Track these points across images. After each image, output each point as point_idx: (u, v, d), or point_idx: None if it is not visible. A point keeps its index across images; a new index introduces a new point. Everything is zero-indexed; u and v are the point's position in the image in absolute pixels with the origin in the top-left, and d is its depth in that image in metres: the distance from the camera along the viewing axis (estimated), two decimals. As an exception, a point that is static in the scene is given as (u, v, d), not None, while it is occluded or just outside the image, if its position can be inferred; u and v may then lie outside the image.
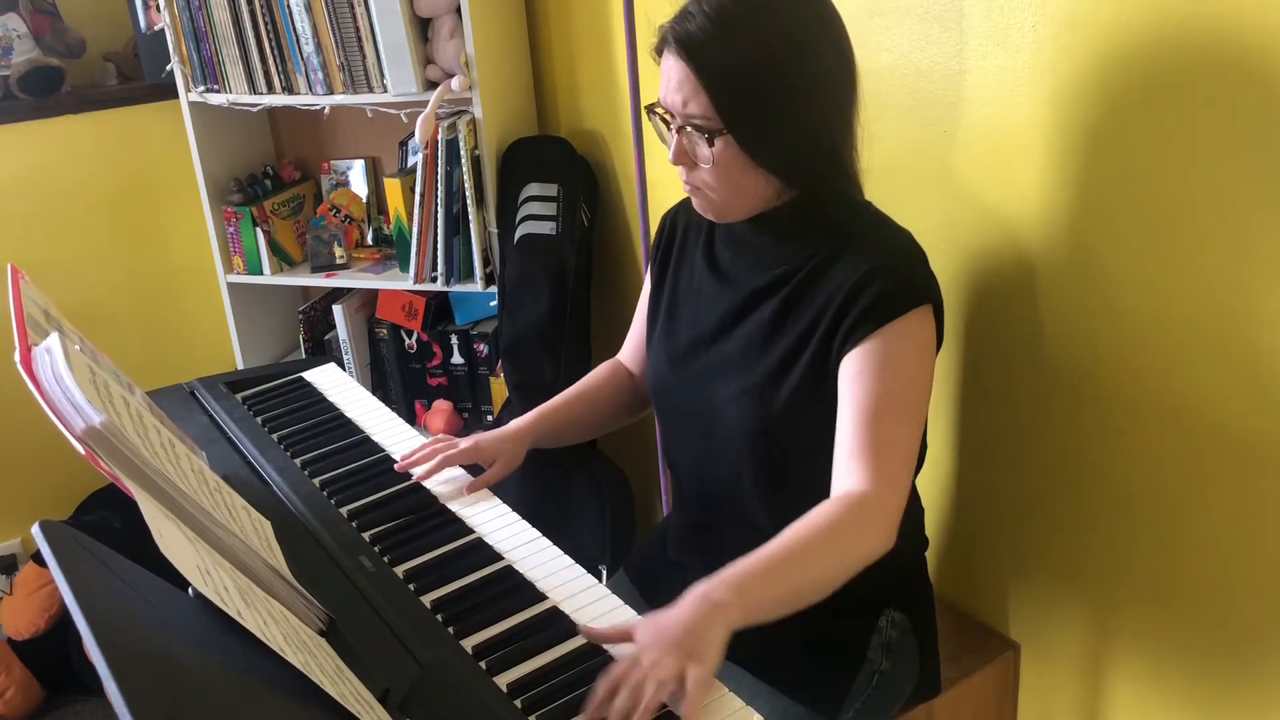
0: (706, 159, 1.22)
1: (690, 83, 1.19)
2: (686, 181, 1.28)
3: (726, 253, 1.36)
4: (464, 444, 1.42)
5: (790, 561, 1.10)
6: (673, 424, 1.42)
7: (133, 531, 0.86)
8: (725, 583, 1.05)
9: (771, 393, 1.27)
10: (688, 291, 1.40)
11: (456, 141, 2.17)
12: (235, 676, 0.83)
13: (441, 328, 2.45)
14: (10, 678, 2.37)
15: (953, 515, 1.70)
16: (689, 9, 1.21)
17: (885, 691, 1.37)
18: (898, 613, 1.39)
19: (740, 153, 1.21)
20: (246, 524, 1.12)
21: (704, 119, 1.20)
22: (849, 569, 1.14)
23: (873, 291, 1.20)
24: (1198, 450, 1.34)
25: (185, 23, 2.27)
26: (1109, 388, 1.41)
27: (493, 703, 1.02)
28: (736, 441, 1.31)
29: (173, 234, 2.69)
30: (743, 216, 1.29)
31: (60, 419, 0.98)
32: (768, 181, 1.24)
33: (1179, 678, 1.46)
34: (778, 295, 1.28)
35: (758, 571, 1.08)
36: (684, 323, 1.39)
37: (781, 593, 1.09)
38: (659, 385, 1.42)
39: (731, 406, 1.31)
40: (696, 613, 1.01)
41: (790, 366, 1.27)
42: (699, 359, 1.36)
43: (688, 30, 1.19)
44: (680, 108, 1.21)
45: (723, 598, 1.03)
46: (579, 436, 1.55)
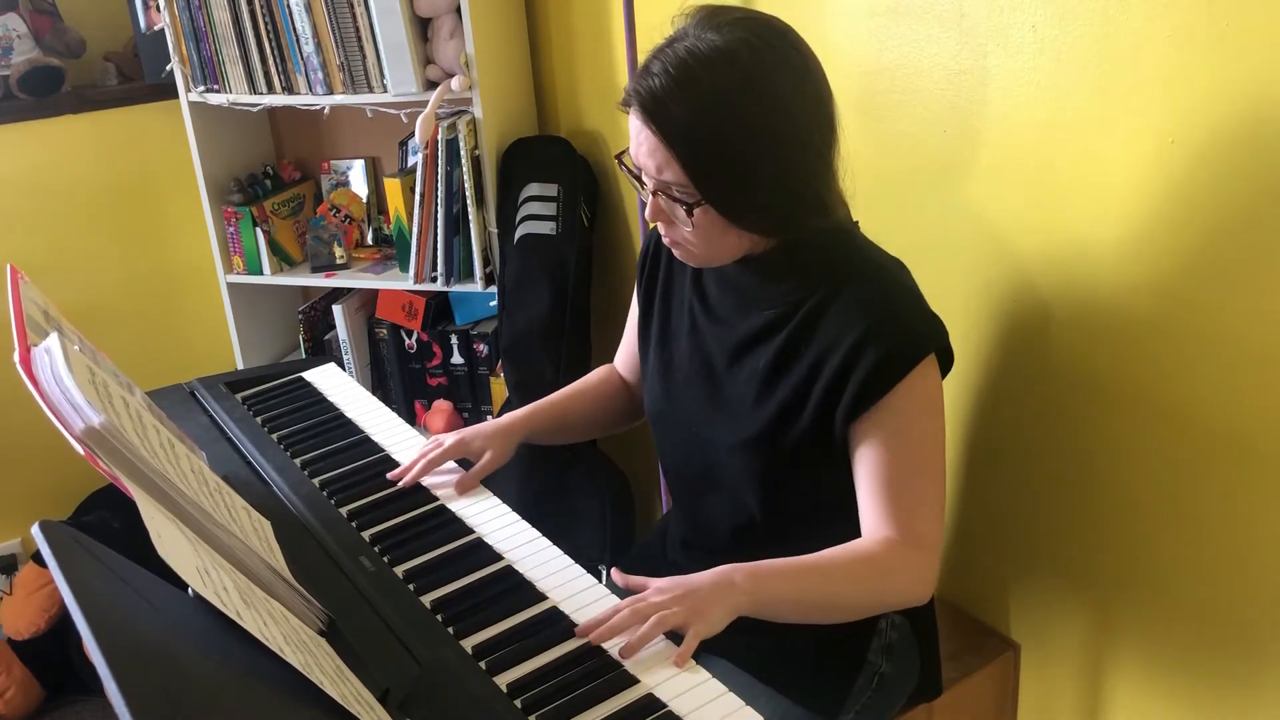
0: (686, 223, 1.19)
1: (661, 152, 1.14)
2: (666, 235, 1.25)
3: (715, 290, 1.33)
4: (450, 441, 1.41)
5: (815, 573, 1.15)
6: (672, 450, 1.42)
7: (133, 531, 0.86)
8: (748, 570, 1.11)
9: (772, 443, 1.26)
10: (679, 323, 1.38)
11: (456, 141, 2.17)
12: (235, 676, 0.83)
13: (441, 328, 2.45)
14: (10, 678, 2.37)
15: (953, 515, 1.70)
16: (651, 67, 1.15)
17: (885, 693, 1.37)
18: (898, 615, 1.39)
19: (719, 217, 1.17)
20: (246, 524, 1.12)
21: (680, 188, 1.16)
22: (870, 603, 1.19)
23: (871, 357, 1.17)
24: (1198, 451, 1.34)
25: (185, 23, 2.27)
26: (1109, 388, 1.41)
27: (493, 703, 1.02)
28: (741, 484, 1.31)
29: (173, 234, 2.69)
30: (725, 263, 1.26)
31: (60, 419, 0.98)
32: (749, 236, 1.21)
33: (1179, 678, 1.46)
34: (772, 343, 1.25)
35: (781, 571, 1.14)
36: (680, 356, 1.37)
37: (797, 598, 1.14)
38: (657, 413, 1.41)
39: (734, 453, 1.30)
40: (714, 582, 1.09)
41: (791, 418, 1.24)
42: (698, 393, 1.34)
43: (651, 90, 1.13)
44: (654, 173, 1.17)
45: (740, 581, 1.09)
46: (572, 436, 1.54)
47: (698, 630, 1.05)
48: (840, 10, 1.62)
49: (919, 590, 1.19)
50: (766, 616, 1.13)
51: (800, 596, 1.14)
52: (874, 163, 1.62)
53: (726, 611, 1.08)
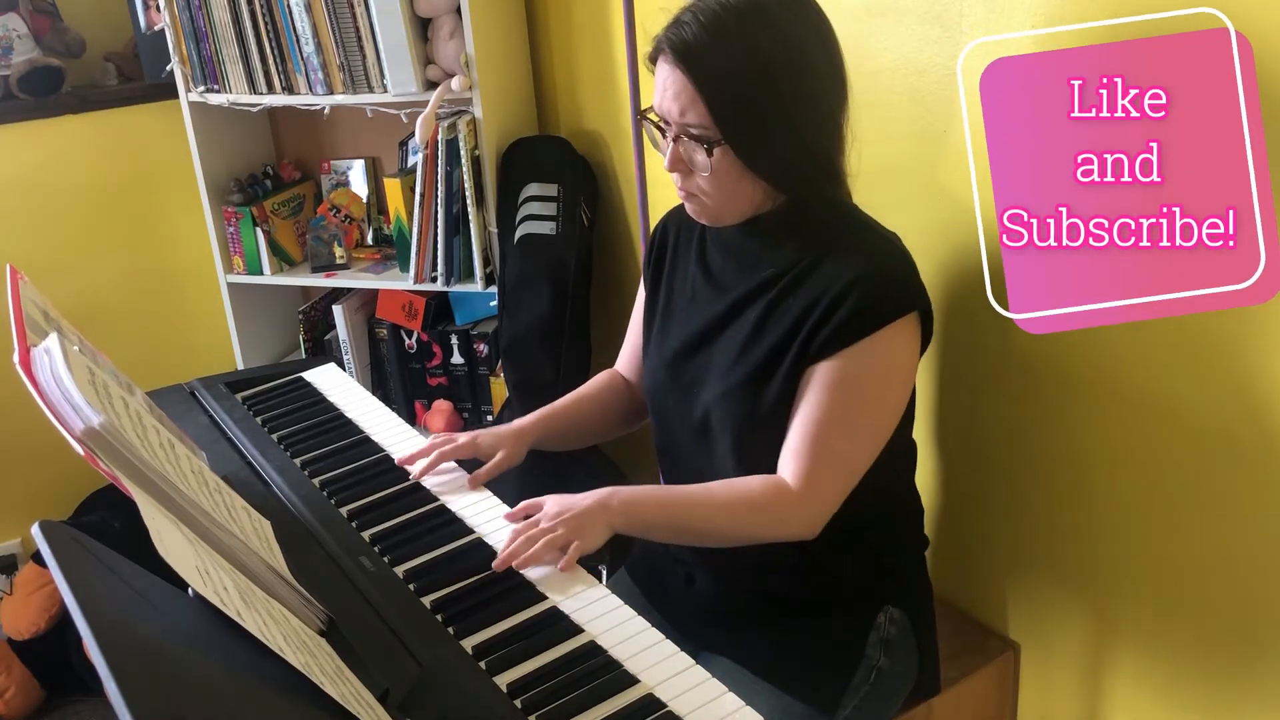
0: (704, 167, 1.23)
1: (688, 92, 1.20)
2: (681, 187, 1.29)
3: (718, 258, 1.37)
4: (462, 439, 1.42)
5: (689, 505, 1.26)
6: (665, 426, 1.43)
7: (133, 531, 0.86)
8: (625, 495, 1.25)
9: (754, 394, 1.29)
10: (681, 296, 1.41)
11: (456, 141, 2.17)
12: (235, 676, 0.83)
13: (441, 328, 2.45)
14: (10, 678, 2.37)
15: (952, 515, 1.70)
16: (682, 17, 1.21)
17: (883, 688, 1.38)
18: (897, 610, 1.39)
19: (737, 161, 1.22)
20: (246, 524, 1.12)
21: (702, 128, 1.21)
22: (746, 538, 1.27)
23: (848, 306, 1.22)
24: (1198, 451, 1.34)
25: (185, 23, 2.27)
26: (1110, 388, 1.41)
27: (493, 703, 1.03)
28: (723, 442, 1.33)
29: (173, 234, 2.69)
30: (735, 221, 1.30)
31: (59, 420, 0.98)
32: (761, 187, 1.25)
33: (1179, 678, 1.46)
34: (763, 299, 1.30)
35: (656, 499, 1.27)
36: (677, 327, 1.40)
37: (669, 524, 1.26)
38: (653, 388, 1.43)
39: (718, 406, 1.32)
40: (592, 505, 1.23)
41: (773, 369, 1.28)
42: (690, 363, 1.36)
43: (683, 38, 1.19)
44: (677, 117, 1.22)
45: (615, 505, 1.23)
46: (579, 442, 1.55)
47: (578, 545, 1.19)
48: (840, 10, 1.62)
49: (801, 534, 1.26)
50: (639, 535, 1.27)
51: (672, 523, 1.26)
52: (874, 162, 1.61)
53: (603, 530, 1.22)
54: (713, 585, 1.41)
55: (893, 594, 1.40)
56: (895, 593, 1.40)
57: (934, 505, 1.70)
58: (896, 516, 1.44)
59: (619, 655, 1.08)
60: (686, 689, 1.04)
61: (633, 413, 1.58)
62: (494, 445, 1.42)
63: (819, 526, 1.25)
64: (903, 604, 1.40)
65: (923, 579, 1.47)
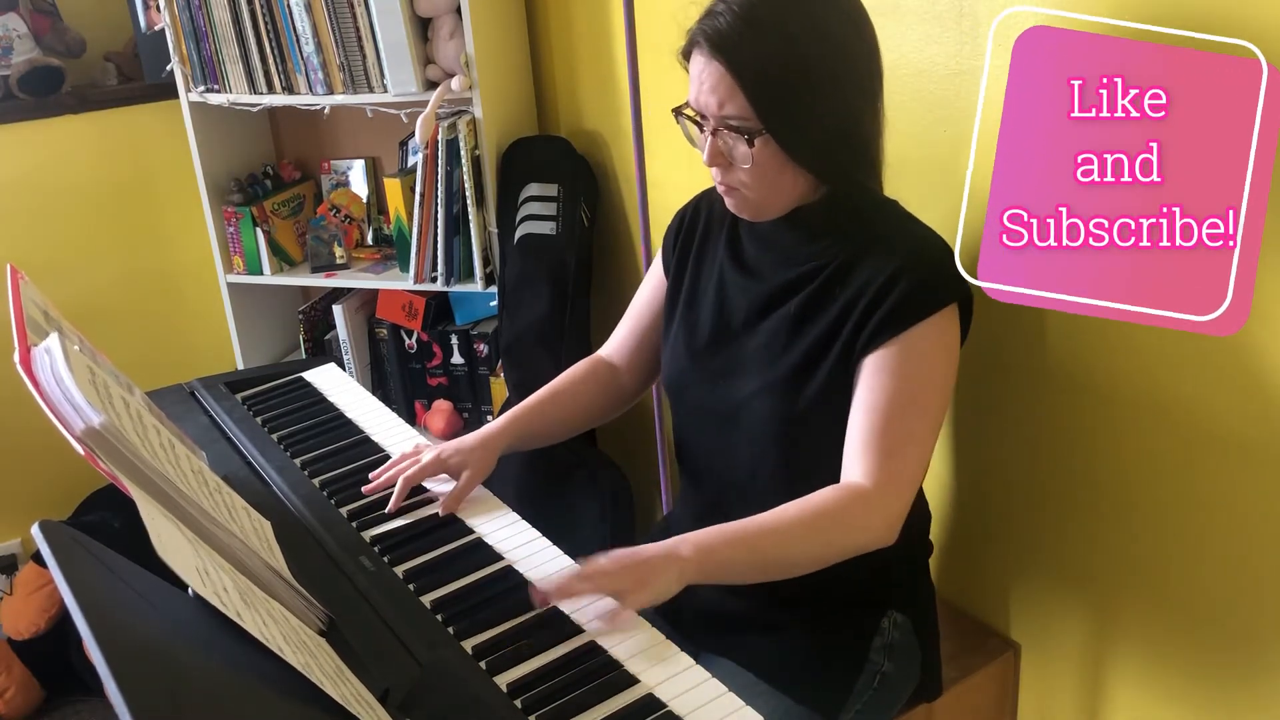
0: (745, 159, 1.22)
1: (726, 83, 1.18)
2: (721, 182, 1.28)
3: (752, 249, 1.36)
4: (426, 459, 1.36)
5: (765, 534, 1.17)
6: (689, 416, 1.41)
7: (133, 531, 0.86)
8: (693, 541, 1.15)
9: (796, 389, 1.27)
10: (709, 284, 1.39)
11: (456, 141, 2.17)
12: (235, 676, 0.83)
13: (441, 328, 2.45)
14: (10, 678, 2.37)
15: (953, 516, 1.70)
16: (715, 9, 1.20)
17: (887, 692, 1.38)
18: (900, 614, 1.39)
19: (778, 151, 1.21)
20: (246, 524, 1.12)
21: (741, 120, 1.20)
22: (831, 555, 1.19)
23: (899, 292, 1.21)
24: (1198, 451, 1.34)
25: (185, 23, 2.27)
26: (1110, 389, 1.41)
27: (493, 703, 1.03)
28: (759, 437, 1.31)
29: (173, 234, 2.69)
30: (778, 214, 1.29)
31: (60, 419, 0.98)
32: (803, 179, 1.25)
33: (1179, 678, 1.46)
34: (804, 291, 1.28)
35: (728, 536, 1.17)
36: (705, 315, 1.38)
37: (749, 560, 1.17)
38: (677, 377, 1.40)
39: (755, 402, 1.30)
40: (659, 555, 1.13)
41: (816, 363, 1.26)
42: (721, 353, 1.35)
43: (718, 29, 1.18)
44: (716, 110, 1.21)
45: (686, 553, 1.13)
46: (557, 436, 1.51)
47: (637, 598, 1.10)
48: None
49: (882, 538, 1.21)
50: (720, 581, 1.19)
51: (752, 558, 1.17)
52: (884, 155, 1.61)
53: (672, 581, 1.12)
54: (714, 589, 1.41)
55: (896, 598, 1.39)
56: (899, 597, 1.40)
57: (935, 505, 1.70)
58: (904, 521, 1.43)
59: (619, 655, 1.08)
60: (687, 689, 1.04)
61: (616, 401, 1.55)
62: (460, 462, 1.36)
63: (899, 524, 1.21)
64: (906, 608, 1.40)
65: (925, 583, 1.47)
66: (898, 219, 1.31)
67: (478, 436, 1.41)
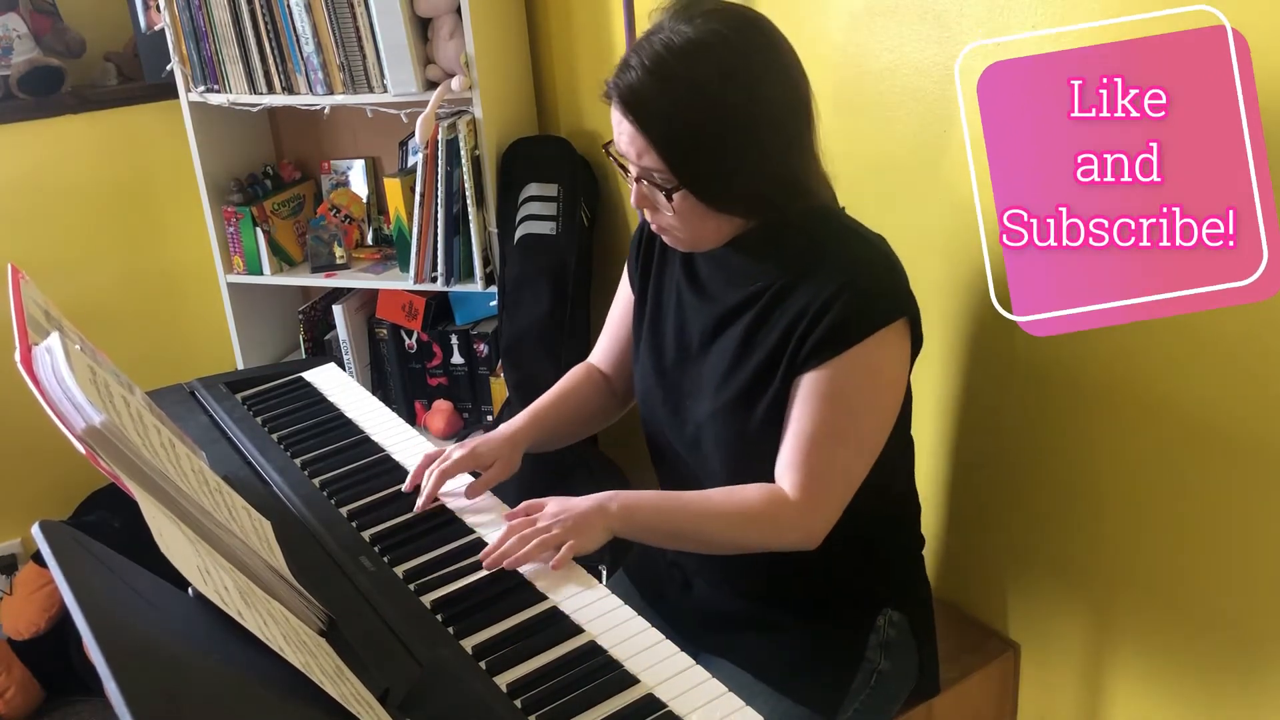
0: (667, 208, 1.23)
1: (639, 141, 1.19)
2: (652, 222, 1.28)
3: (705, 267, 1.35)
4: (459, 454, 1.37)
5: (687, 513, 1.26)
6: (658, 432, 1.42)
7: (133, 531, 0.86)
8: (624, 499, 1.24)
9: (745, 410, 1.28)
10: (669, 303, 1.39)
11: (456, 141, 2.17)
12: (235, 676, 0.83)
13: (441, 328, 2.45)
14: (10, 678, 2.37)
15: (953, 515, 1.70)
16: (628, 60, 1.19)
17: (884, 691, 1.38)
18: (896, 612, 1.39)
19: (698, 203, 1.21)
20: (246, 524, 1.12)
21: (659, 174, 1.20)
22: (744, 546, 1.26)
23: (832, 316, 1.20)
24: (1198, 451, 1.34)
25: (185, 23, 2.27)
26: (1110, 388, 1.41)
27: (493, 703, 1.03)
28: (714, 456, 1.32)
29: (173, 234, 2.69)
30: (713, 246, 1.28)
31: (61, 419, 0.98)
32: (729, 220, 1.24)
33: (1179, 678, 1.46)
34: (749, 313, 1.28)
35: (655, 505, 1.26)
36: (667, 336, 1.38)
37: (667, 530, 1.26)
38: (645, 394, 1.42)
39: (709, 423, 1.31)
40: (591, 507, 1.23)
41: (763, 384, 1.27)
42: (683, 373, 1.36)
43: (629, 84, 1.18)
44: (635, 159, 1.21)
45: (615, 509, 1.23)
46: (563, 441, 1.52)
47: (573, 545, 1.20)
48: (840, 10, 1.63)
49: (801, 544, 1.25)
50: (637, 540, 1.29)
51: (670, 530, 1.26)
52: (874, 162, 1.62)
53: (600, 533, 1.22)
54: (710, 588, 1.41)
55: (892, 596, 1.40)
56: (894, 595, 1.40)
57: (935, 505, 1.70)
58: (895, 518, 1.44)
59: (619, 655, 1.08)
60: (687, 689, 1.04)
61: (610, 406, 1.56)
62: (492, 455, 1.39)
63: (819, 537, 1.24)
64: (902, 606, 1.40)
65: (922, 580, 1.47)
66: (840, 235, 1.29)
67: (506, 433, 1.43)
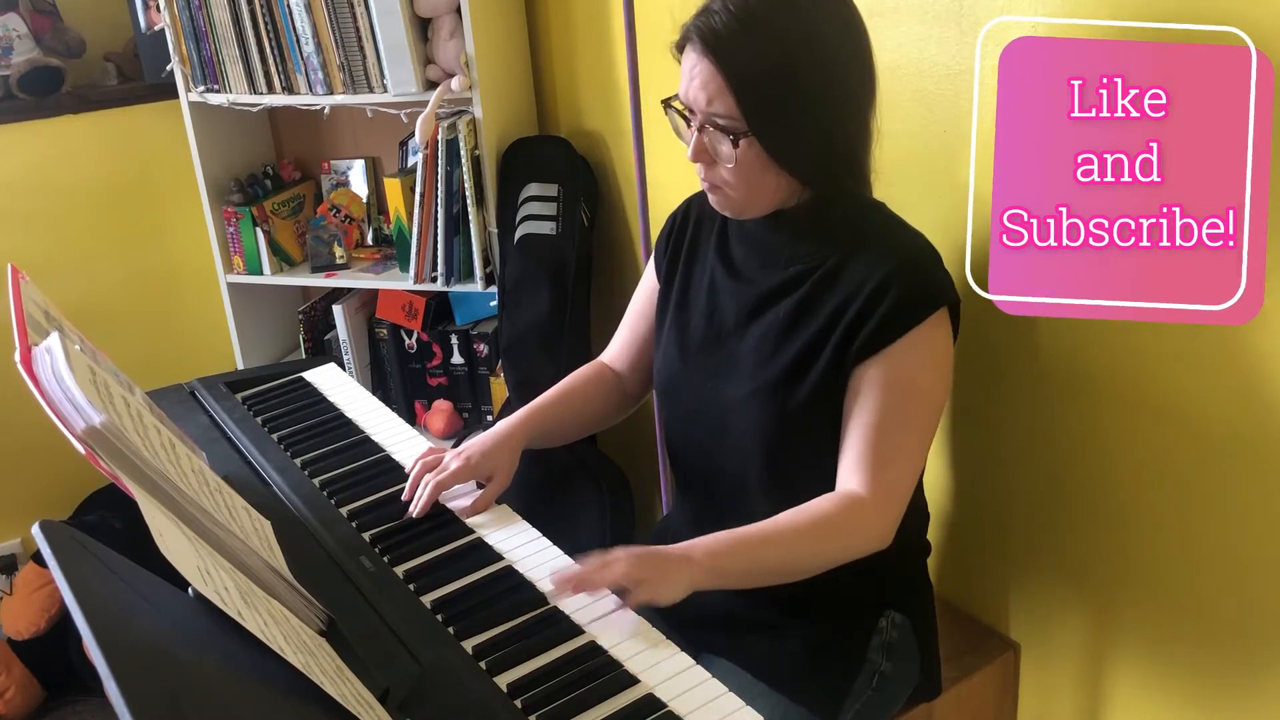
0: (728, 158, 1.22)
1: (716, 82, 1.19)
2: (704, 179, 1.28)
3: (740, 250, 1.36)
4: (455, 464, 1.35)
5: (768, 542, 1.20)
6: (680, 419, 1.42)
7: (133, 531, 0.86)
8: (703, 547, 1.17)
9: (785, 394, 1.28)
10: (700, 286, 1.39)
11: (456, 141, 2.17)
12: (235, 676, 0.83)
13: (441, 328, 2.45)
14: (10, 678, 2.37)
15: (953, 516, 1.70)
16: (712, 6, 1.20)
17: (885, 692, 1.38)
18: (898, 614, 1.39)
19: (762, 153, 1.21)
20: (246, 524, 1.12)
21: (729, 119, 1.20)
22: (829, 561, 1.22)
23: (890, 300, 1.21)
24: (1198, 451, 1.34)
25: (185, 23, 2.27)
26: (1109, 389, 1.41)
27: (493, 703, 1.03)
28: (747, 441, 1.31)
29: (173, 234, 2.69)
30: (760, 214, 1.29)
31: (61, 419, 0.98)
32: (786, 181, 1.25)
33: (1179, 678, 1.46)
34: (793, 295, 1.29)
35: (733, 544, 1.19)
36: (696, 318, 1.38)
37: (756, 569, 1.20)
38: (669, 379, 1.41)
39: (744, 406, 1.31)
40: (673, 557, 1.15)
41: (806, 369, 1.27)
42: (712, 356, 1.35)
43: (712, 27, 1.18)
44: (704, 106, 1.21)
45: (699, 558, 1.16)
46: (565, 438, 1.51)
47: (651, 590, 1.12)
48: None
49: (878, 544, 1.24)
50: (727, 587, 1.20)
51: (758, 567, 1.20)
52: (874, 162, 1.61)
53: (683, 586, 1.14)
54: (713, 589, 1.41)
55: (894, 598, 1.40)
56: (897, 597, 1.40)
57: (935, 505, 1.70)
58: (901, 523, 1.43)
59: (619, 655, 1.08)
60: (687, 689, 1.04)
61: (620, 405, 1.55)
62: (489, 466, 1.36)
63: (893, 533, 1.23)
64: (904, 608, 1.40)
65: (924, 583, 1.47)
66: (884, 223, 1.31)
67: (498, 435, 1.40)
